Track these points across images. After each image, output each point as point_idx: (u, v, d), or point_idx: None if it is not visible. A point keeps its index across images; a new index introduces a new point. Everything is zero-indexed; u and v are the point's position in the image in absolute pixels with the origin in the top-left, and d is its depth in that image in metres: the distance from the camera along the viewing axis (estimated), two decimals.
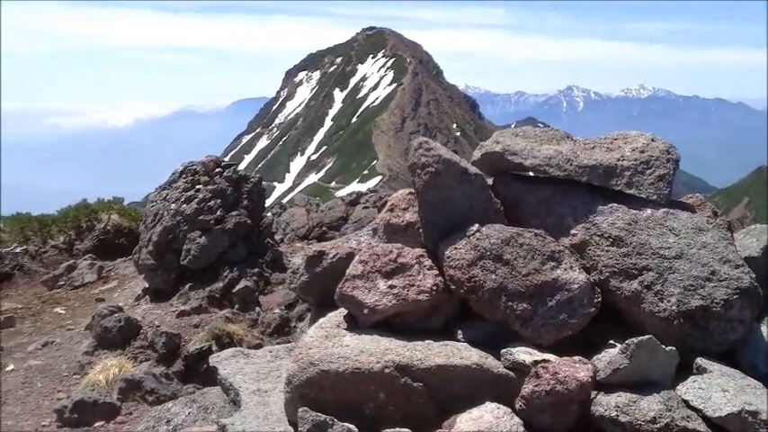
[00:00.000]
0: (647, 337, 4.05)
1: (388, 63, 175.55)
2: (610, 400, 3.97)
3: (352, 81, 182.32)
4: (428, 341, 4.33)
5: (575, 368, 4.03)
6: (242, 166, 12.53)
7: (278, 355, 5.28)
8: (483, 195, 4.67)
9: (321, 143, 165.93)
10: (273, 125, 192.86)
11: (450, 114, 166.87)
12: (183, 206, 10.66)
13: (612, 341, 4.25)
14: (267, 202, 13.44)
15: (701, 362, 4.27)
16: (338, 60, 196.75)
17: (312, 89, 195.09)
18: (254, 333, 8.94)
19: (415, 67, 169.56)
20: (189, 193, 10.82)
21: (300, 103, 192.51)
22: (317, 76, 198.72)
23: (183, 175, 11.22)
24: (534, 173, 4.80)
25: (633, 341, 4.03)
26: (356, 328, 4.45)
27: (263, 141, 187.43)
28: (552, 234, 4.60)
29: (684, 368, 4.25)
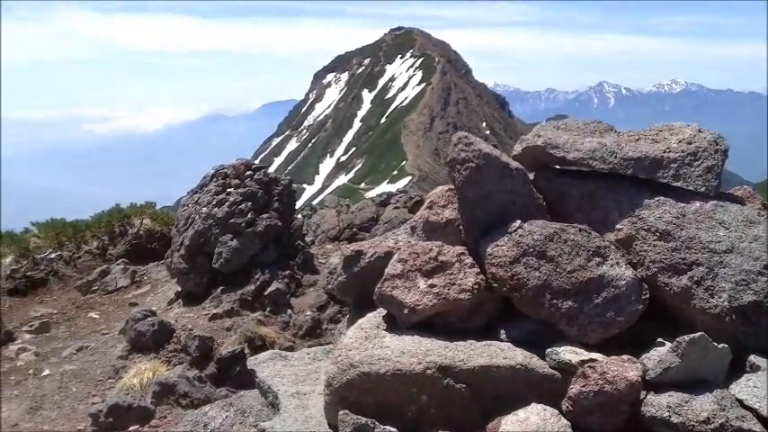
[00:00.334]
0: (698, 334, 3.91)
1: (417, 63, 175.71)
2: (661, 400, 3.86)
3: (381, 82, 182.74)
4: (470, 341, 4.23)
5: (624, 367, 3.91)
6: (272, 169, 12.51)
7: (316, 357, 5.23)
8: (525, 190, 4.55)
9: (350, 144, 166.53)
10: (302, 127, 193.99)
11: (480, 113, 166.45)
12: (215, 209, 10.66)
13: (661, 339, 4.13)
14: (297, 205, 13.40)
15: (754, 359, 4.13)
16: (366, 61, 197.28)
17: (341, 91, 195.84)
18: (285, 335, 8.90)
19: (443, 66, 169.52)
20: (220, 197, 10.82)
21: (329, 105, 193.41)
22: (345, 77, 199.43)
23: (214, 179, 11.23)
24: (577, 166, 4.67)
25: (684, 339, 3.89)
26: (396, 328, 4.36)
27: (292, 144, 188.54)
28: (597, 229, 4.46)
29: (737, 366, 4.12)
